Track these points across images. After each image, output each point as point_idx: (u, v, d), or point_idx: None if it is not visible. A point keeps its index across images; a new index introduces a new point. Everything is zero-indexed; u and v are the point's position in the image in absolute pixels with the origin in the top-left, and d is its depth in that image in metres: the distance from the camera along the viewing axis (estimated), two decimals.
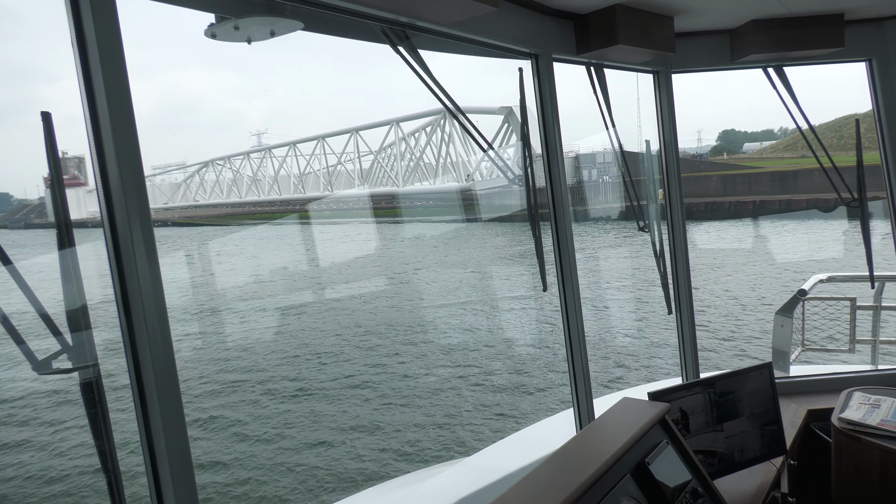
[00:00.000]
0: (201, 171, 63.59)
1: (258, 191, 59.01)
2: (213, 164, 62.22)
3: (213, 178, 62.55)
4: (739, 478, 2.56)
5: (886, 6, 3.05)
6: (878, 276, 4.01)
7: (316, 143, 54.10)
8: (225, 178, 61.81)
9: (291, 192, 56.58)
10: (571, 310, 2.79)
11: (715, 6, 2.80)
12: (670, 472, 1.93)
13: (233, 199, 59.93)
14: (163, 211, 63.16)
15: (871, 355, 4.65)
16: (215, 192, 61.86)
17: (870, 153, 3.52)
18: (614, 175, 47.44)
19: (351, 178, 53.85)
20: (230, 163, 61.37)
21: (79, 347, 1.38)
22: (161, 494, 1.43)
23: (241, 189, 59.99)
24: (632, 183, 3.20)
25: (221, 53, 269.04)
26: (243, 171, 60.52)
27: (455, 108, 2.40)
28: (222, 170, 62.05)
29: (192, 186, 64.01)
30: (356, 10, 1.89)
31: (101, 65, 1.33)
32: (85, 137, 1.36)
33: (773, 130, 72.58)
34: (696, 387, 2.54)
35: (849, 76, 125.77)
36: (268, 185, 58.58)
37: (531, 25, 2.58)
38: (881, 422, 2.60)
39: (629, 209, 3.59)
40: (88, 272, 1.46)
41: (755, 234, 34.76)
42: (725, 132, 48.67)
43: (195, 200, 62.79)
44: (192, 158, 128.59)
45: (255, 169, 59.58)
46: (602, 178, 49.78)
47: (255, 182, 59.46)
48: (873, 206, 3.55)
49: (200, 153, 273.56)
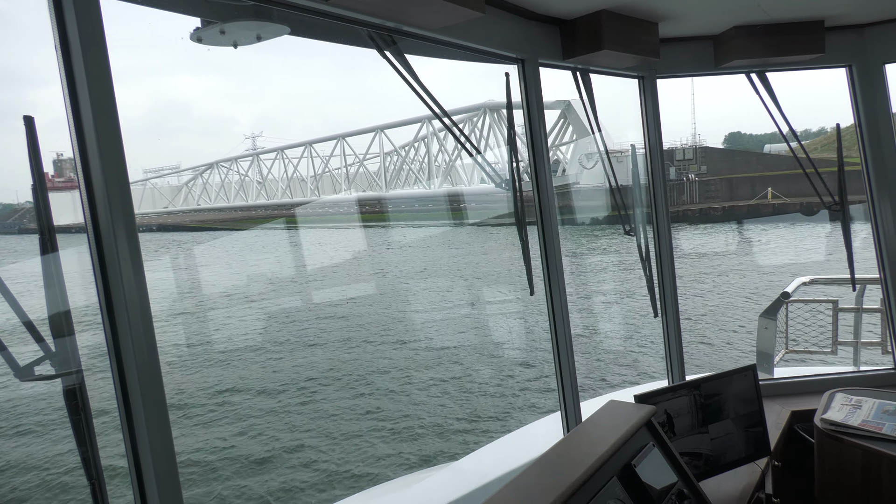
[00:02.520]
0: (205, 173, 63.02)
1: (267, 195, 58.59)
2: (218, 166, 61.66)
3: (217, 181, 61.97)
4: (725, 479, 2.58)
5: (865, 13, 3.10)
6: (860, 278, 4.07)
7: (335, 143, 53.41)
8: (231, 182, 61.24)
9: (308, 195, 56.12)
10: (558, 313, 2.80)
11: (699, 13, 2.83)
12: (656, 474, 1.94)
13: (238, 202, 59.41)
14: (164, 215, 62.57)
15: (853, 356, 4.72)
16: (220, 196, 61.23)
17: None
18: (703, 173, 45.92)
19: (373, 181, 53.25)
20: (237, 165, 60.88)
21: (62, 354, 1.36)
22: (146, 500, 1.42)
23: (249, 193, 59.47)
24: (617, 187, 3.22)
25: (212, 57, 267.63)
26: (252, 175, 60.13)
27: (441, 112, 2.40)
28: (228, 172, 61.55)
29: (196, 189, 63.45)
30: (343, 16, 1.90)
31: (84, 70, 1.32)
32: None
33: (777, 133, 72.17)
34: (681, 389, 2.56)
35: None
36: (280, 189, 58.14)
37: (517, 31, 2.60)
38: (862, 422, 2.64)
39: (712, 211, 3.61)
40: (89, 277, 1.44)
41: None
42: (732, 134, 48.76)
43: (198, 204, 62.24)
44: (185, 162, 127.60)
45: (265, 174, 59.12)
46: (686, 177, 46.70)
47: (264, 186, 58.98)
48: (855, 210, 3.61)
49: (193, 157, 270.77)
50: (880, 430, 2.56)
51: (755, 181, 48.47)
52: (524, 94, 2.71)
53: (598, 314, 18.73)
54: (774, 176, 46.17)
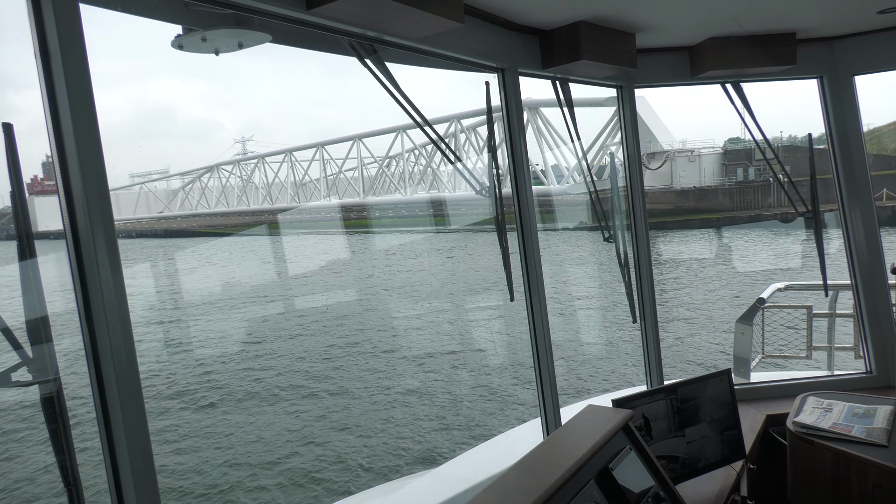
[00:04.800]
0: (203, 176, 62.12)
1: (271, 199, 57.86)
2: (219, 169, 60.83)
3: (218, 185, 61.02)
4: (701, 482, 2.63)
5: (835, 27, 3.19)
6: (832, 284, 4.16)
7: (352, 144, 52.47)
8: (234, 185, 60.40)
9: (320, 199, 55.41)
10: (538, 319, 2.83)
11: (674, 24, 2.90)
12: (633, 478, 1.97)
13: (241, 207, 58.61)
14: (171, 219, 61.53)
15: (826, 361, 4.81)
16: (220, 201, 60.27)
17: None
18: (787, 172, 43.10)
19: (394, 182, 52.55)
20: (240, 168, 60.08)
21: (39, 360, 1.36)
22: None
23: (251, 197, 58.62)
24: (597, 194, 3.27)
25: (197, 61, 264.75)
26: (255, 180, 59.39)
27: (422, 121, 2.43)
28: (230, 176, 60.73)
29: (194, 193, 62.48)
30: (324, 25, 1.91)
31: (64, 75, 1.32)
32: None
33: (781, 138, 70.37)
34: (658, 394, 2.60)
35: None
36: (289, 194, 57.46)
37: (497, 41, 2.64)
38: (833, 425, 2.70)
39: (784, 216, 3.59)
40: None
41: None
42: (732, 140, 48.68)
43: (195, 209, 61.27)
44: (174, 167, 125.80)
45: (270, 180, 58.37)
46: (770, 178, 39.90)
47: (269, 190, 58.21)
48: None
49: (179, 161, 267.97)
50: (849, 432, 2.62)
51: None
52: (504, 102, 2.75)
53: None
54: (888, 176, 37.55)
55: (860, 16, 2.99)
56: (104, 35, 43.07)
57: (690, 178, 44.69)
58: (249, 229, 52.96)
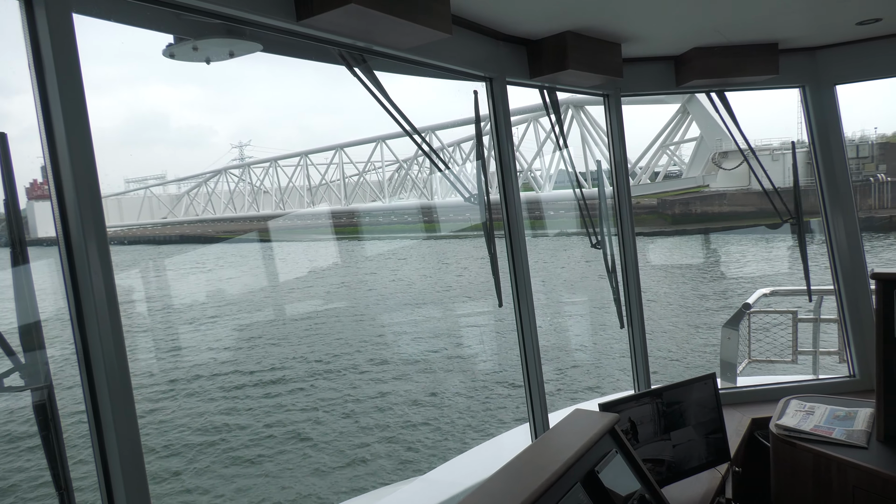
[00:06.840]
0: (209, 180, 61.34)
1: (283, 205, 57.12)
2: (227, 173, 60.05)
3: (226, 190, 60.28)
4: (686, 485, 2.66)
5: (817, 37, 3.26)
6: (815, 290, 4.22)
7: (375, 146, 51.62)
8: (244, 190, 59.66)
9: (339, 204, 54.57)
10: (526, 324, 2.86)
11: (660, 34, 2.95)
12: (619, 481, 2.00)
13: (250, 212, 57.91)
14: (168, 225, 60.66)
15: (811, 365, 4.87)
16: (229, 206, 59.41)
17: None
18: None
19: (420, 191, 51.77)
20: (250, 172, 59.34)
21: (31, 366, 1.37)
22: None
23: (260, 202, 57.92)
24: (584, 201, 3.31)
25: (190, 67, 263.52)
26: (257, 184, 58.70)
27: (411, 129, 2.46)
28: (239, 182, 60.03)
29: (200, 198, 61.65)
30: (314, 35, 1.94)
31: (57, 83, 1.34)
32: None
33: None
34: (644, 398, 2.64)
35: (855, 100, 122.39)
36: (302, 198, 56.82)
37: (485, 51, 2.68)
38: (814, 427, 2.75)
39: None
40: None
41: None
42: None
43: (199, 214, 60.41)
44: (170, 172, 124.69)
45: (274, 186, 57.64)
46: (875, 177, 36.81)
47: (282, 194, 57.37)
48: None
49: (173, 167, 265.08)
50: (830, 434, 2.67)
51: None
52: (492, 111, 2.79)
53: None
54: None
55: (840, 27, 3.06)
56: (97, 43, 42.43)
57: (774, 179, 42.51)
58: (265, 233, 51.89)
